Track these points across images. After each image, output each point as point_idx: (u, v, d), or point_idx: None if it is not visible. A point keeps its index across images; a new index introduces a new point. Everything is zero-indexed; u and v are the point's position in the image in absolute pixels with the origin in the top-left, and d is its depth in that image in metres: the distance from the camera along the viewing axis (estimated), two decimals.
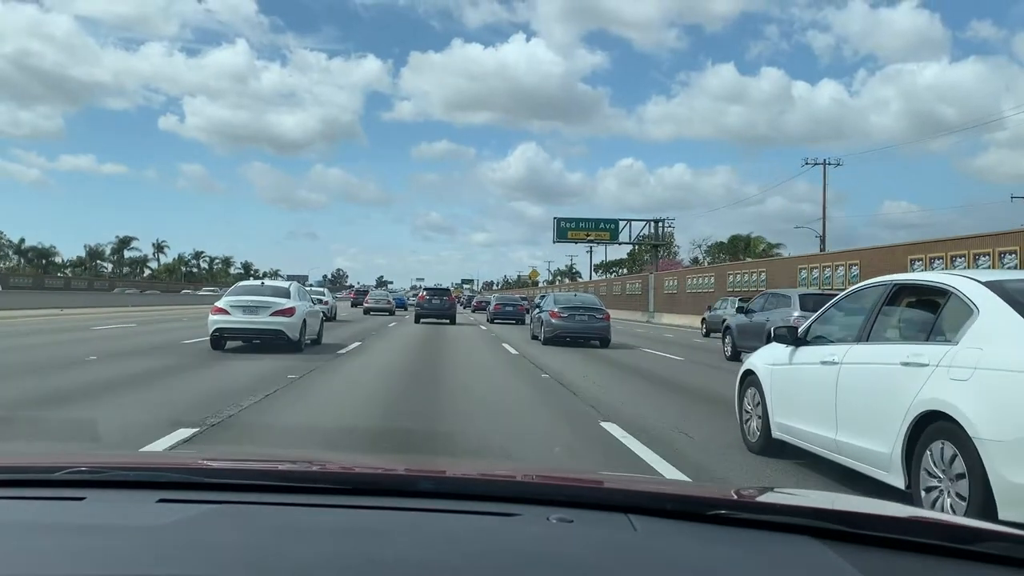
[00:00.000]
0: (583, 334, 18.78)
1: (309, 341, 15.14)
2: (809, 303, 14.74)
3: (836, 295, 20.15)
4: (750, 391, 6.20)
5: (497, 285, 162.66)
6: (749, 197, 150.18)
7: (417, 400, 8.71)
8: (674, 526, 1.20)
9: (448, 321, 28.92)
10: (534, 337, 20.63)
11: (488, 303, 40.90)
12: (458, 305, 36.03)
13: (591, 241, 55.73)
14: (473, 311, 52.49)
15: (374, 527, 1.16)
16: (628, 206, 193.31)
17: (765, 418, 5.82)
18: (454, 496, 1.32)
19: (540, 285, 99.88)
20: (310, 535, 1.09)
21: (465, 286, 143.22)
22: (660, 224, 53.96)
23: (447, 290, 33.06)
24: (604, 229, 53.79)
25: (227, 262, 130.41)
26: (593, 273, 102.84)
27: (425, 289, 33.28)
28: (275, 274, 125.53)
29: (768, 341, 17.47)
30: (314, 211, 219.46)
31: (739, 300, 25.61)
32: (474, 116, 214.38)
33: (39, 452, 2.45)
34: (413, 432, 6.64)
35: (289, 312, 14.14)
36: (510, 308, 32.53)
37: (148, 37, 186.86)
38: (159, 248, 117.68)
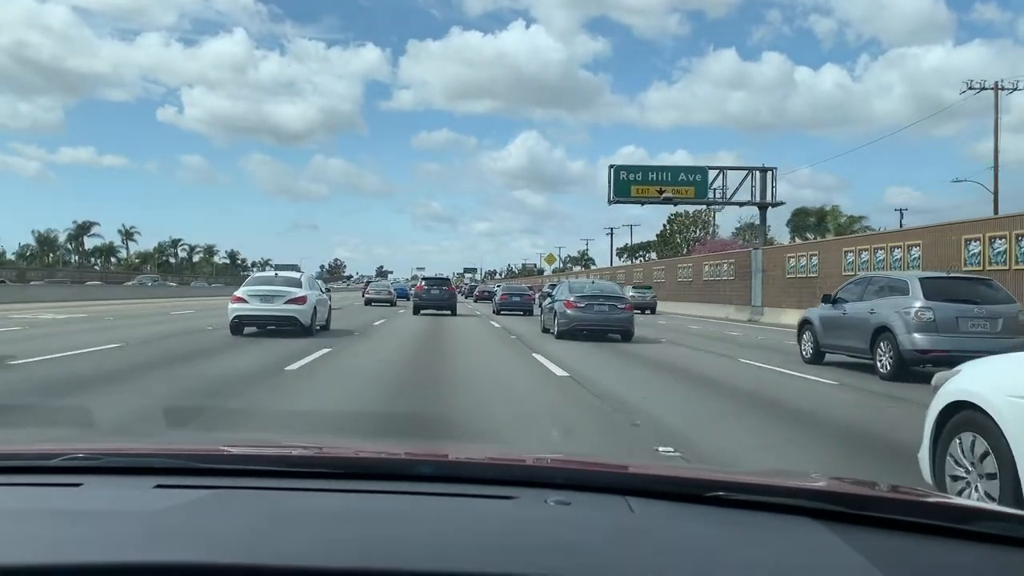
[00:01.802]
0: (602, 326, 16.63)
1: (319, 327, 16.24)
2: (937, 290, 10.87)
3: (982, 278, 13.60)
4: (966, 439, 3.81)
5: (500, 274, 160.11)
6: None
7: None
8: (672, 508, 1.19)
9: (449, 312, 27.95)
10: (545, 330, 18.52)
11: (493, 293, 39.58)
12: (459, 295, 34.66)
13: (665, 201, 37.53)
14: (476, 301, 50.14)
15: (372, 510, 1.16)
16: None
17: (1014, 489, 3.43)
18: (453, 479, 1.31)
19: (547, 273, 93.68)
20: (308, 519, 1.08)
21: (467, 275, 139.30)
22: (769, 175, 35.99)
23: (447, 280, 31.82)
24: (686, 182, 36.08)
25: (210, 251, 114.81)
26: (616, 258, 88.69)
27: (424, 279, 31.39)
28: (265, 264, 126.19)
29: (875, 341, 11.37)
30: (314, 202, 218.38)
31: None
32: (474, 105, 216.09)
33: (36, 438, 2.22)
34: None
35: (301, 300, 15.30)
36: (517, 298, 31.63)
37: (145, 27, 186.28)
38: (128, 235, 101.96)
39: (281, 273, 17.94)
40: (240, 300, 15.14)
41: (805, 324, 13.40)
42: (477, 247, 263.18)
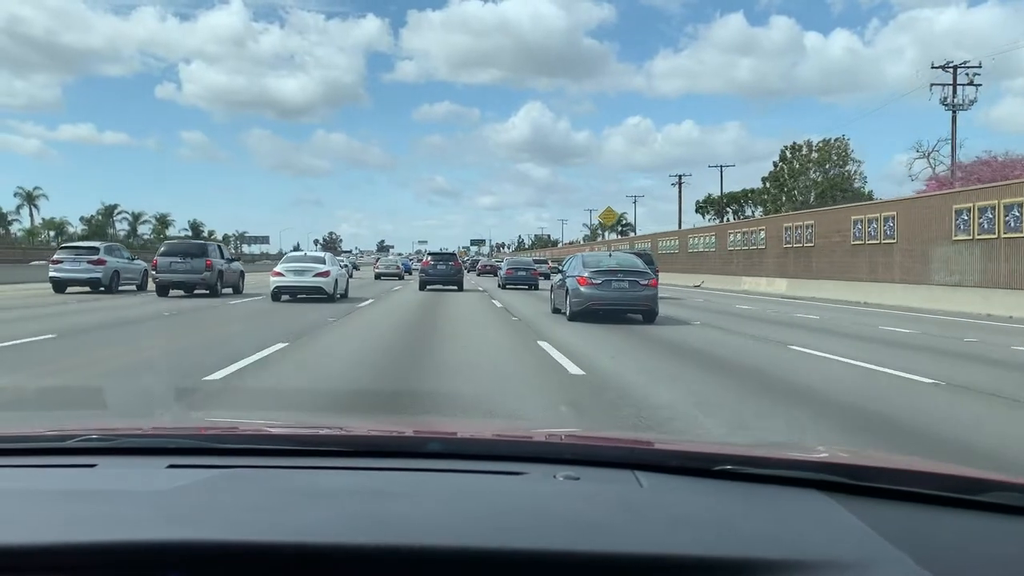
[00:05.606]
0: (622, 305, 14.41)
1: (340, 295, 20.83)
2: None
3: None
4: None
5: (509, 247, 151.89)
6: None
7: None
8: (680, 482, 1.20)
9: (455, 288, 27.97)
10: (556, 310, 16.15)
11: (497, 267, 41.21)
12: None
13: None
14: (479, 275, 49.31)
15: (382, 488, 1.16)
16: (636, 165, 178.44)
17: None
18: (462, 456, 1.32)
19: (560, 246, 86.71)
20: (318, 497, 1.09)
21: (474, 247, 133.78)
22: None
23: (453, 255, 31.07)
24: None
25: (163, 221, 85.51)
26: (692, 216, 72.09)
27: (430, 254, 31.11)
28: (241, 236, 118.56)
29: None
30: (317, 176, 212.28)
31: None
32: (477, 75, 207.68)
33: (50, 419, 2.28)
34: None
35: (326, 274, 19.84)
36: (523, 273, 32.16)
37: (140, 1, 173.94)
38: (30, 198, 72.21)
39: (308, 252, 24.04)
40: (279, 274, 19.65)
41: None
42: (481, 221, 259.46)
